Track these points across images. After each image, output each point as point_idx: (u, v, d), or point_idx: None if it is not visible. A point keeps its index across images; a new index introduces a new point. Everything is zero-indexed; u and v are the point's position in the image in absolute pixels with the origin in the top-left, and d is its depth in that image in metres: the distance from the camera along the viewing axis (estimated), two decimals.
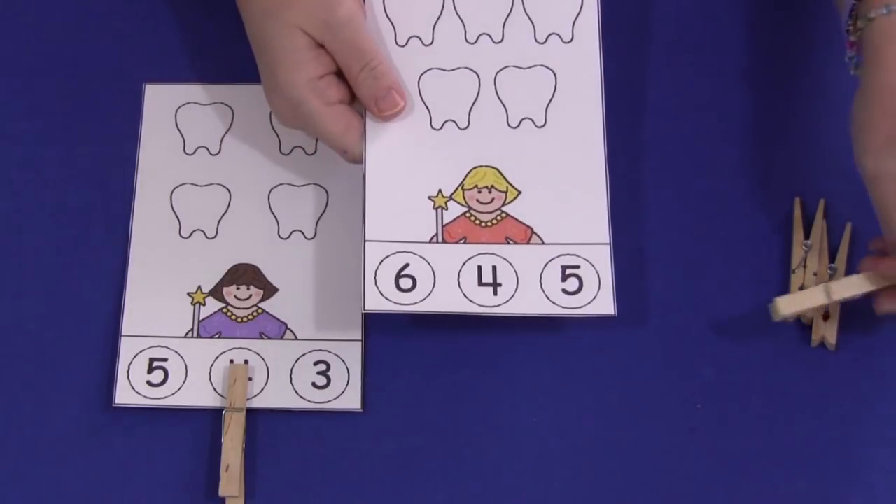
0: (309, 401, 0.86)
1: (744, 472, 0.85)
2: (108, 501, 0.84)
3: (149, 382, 0.86)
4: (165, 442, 0.85)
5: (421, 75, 0.90)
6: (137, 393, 0.86)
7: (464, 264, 0.85)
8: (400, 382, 0.87)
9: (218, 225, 0.91)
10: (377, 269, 0.84)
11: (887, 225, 0.82)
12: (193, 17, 0.98)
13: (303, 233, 0.91)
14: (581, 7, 0.91)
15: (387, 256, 0.85)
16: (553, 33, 0.90)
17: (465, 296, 0.84)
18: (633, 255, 0.90)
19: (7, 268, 0.90)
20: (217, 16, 0.98)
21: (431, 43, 0.90)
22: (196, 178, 0.93)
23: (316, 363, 0.87)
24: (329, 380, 0.87)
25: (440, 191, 0.87)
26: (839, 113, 0.86)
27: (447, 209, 0.87)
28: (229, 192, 0.92)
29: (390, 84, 0.87)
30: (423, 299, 0.84)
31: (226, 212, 0.91)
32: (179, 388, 0.86)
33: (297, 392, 0.86)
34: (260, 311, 0.89)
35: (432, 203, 0.87)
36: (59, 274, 0.90)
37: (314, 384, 0.87)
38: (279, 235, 0.91)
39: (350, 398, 0.86)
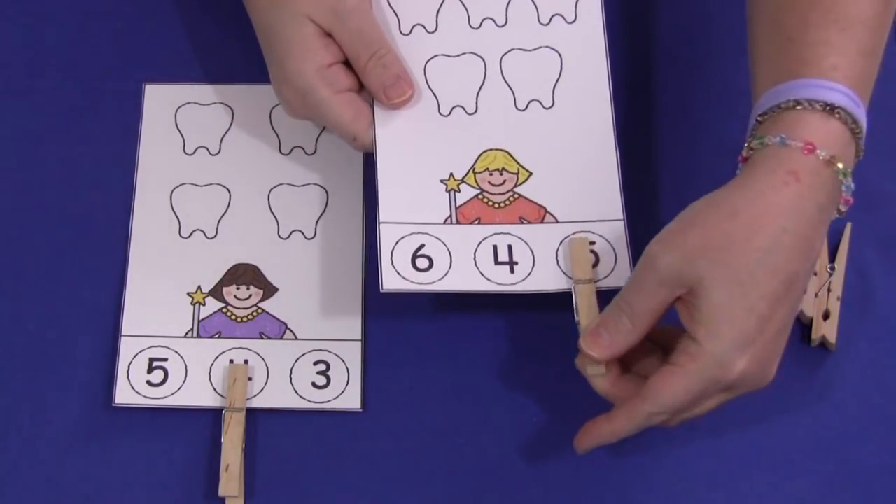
0: (309, 401, 0.86)
1: (744, 472, 0.85)
2: (108, 501, 0.84)
3: (149, 382, 0.86)
4: (165, 442, 0.85)
5: (427, 62, 0.90)
6: (137, 393, 0.86)
7: (479, 244, 0.85)
8: (400, 382, 0.87)
9: (218, 225, 0.91)
10: (393, 249, 0.84)
11: (630, 317, 0.78)
12: (193, 17, 0.98)
13: (303, 233, 0.91)
14: None
15: (402, 238, 0.84)
16: (556, 14, 0.91)
17: (482, 274, 0.84)
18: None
19: (7, 268, 0.90)
20: (217, 16, 0.98)
21: (435, 30, 0.91)
22: (196, 178, 0.93)
23: (316, 363, 0.87)
24: (329, 380, 0.87)
25: (451, 174, 0.87)
26: None
27: (459, 192, 0.87)
28: (229, 192, 0.92)
29: (398, 72, 0.87)
30: (441, 278, 0.83)
31: (226, 212, 0.91)
32: (179, 388, 0.86)
33: (296, 392, 0.86)
34: (260, 310, 0.89)
35: (444, 186, 0.87)
36: (59, 274, 0.90)
37: (314, 384, 0.87)
38: (279, 235, 0.91)
39: (350, 398, 0.86)
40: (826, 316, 0.88)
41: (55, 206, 0.92)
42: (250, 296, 0.89)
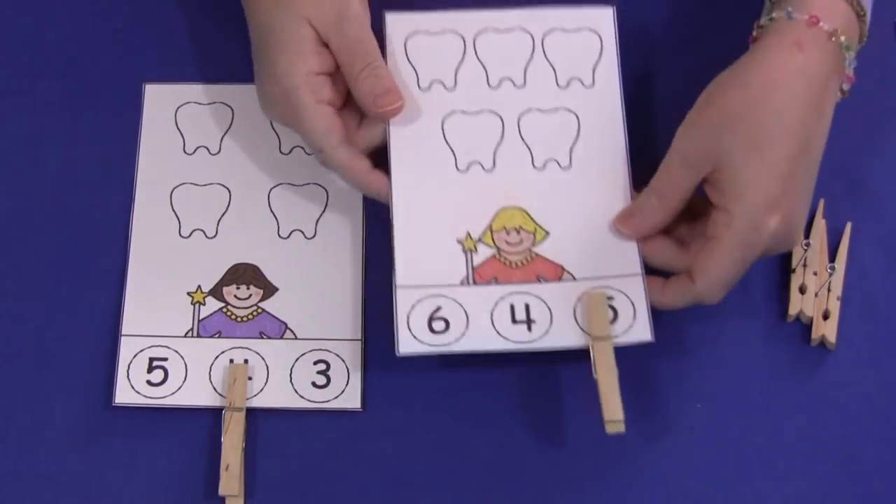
0: (309, 400, 0.86)
1: (744, 471, 0.85)
2: (108, 501, 0.84)
3: (149, 382, 0.86)
4: (165, 441, 0.85)
5: (444, 118, 0.90)
6: (137, 392, 0.86)
7: (496, 304, 0.85)
8: (400, 382, 0.87)
9: (218, 224, 0.91)
10: (409, 313, 0.84)
11: (658, 197, 0.85)
12: (193, 17, 0.98)
13: (303, 232, 0.91)
14: (601, 52, 0.92)
15: (418, 301, 0.85)
16: (574, 78, 0.91)
17: (499, 333, 0.84)
18: None
19: (7, 267, 0.90)
20: (217, 16, 0.98)
21: (454, 87, 0.91)
22: (196, 177, 0.93)
23: (316, 362, 0.87)
24: (329, 379, 0.87)
25: (468, 233, 0.87)
26: (839, 114, 0.86)
27: (476, 252, 0.87)
28: (229, 192, 0.92)
29: (389, 85, 0.87)
30: (458, 339, 0.84)
31: (226, 211, 0.91)
32: (179, 388, 0.86)
33: (296, 391, 0.86)
34: (260, 310, 0.89)
35: (461, 246, 0.87)
36: (59, 274, 0.90)
37: (314, 383, 0.87)
38: (279, 235, 0.91)
39: (350, 397, 0.86)
40: (826, 316, 0.88)
41: (55, 206, 0.92)
42: (250, 295, 0.89)
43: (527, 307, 0.85)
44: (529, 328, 0.84)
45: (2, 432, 0.86)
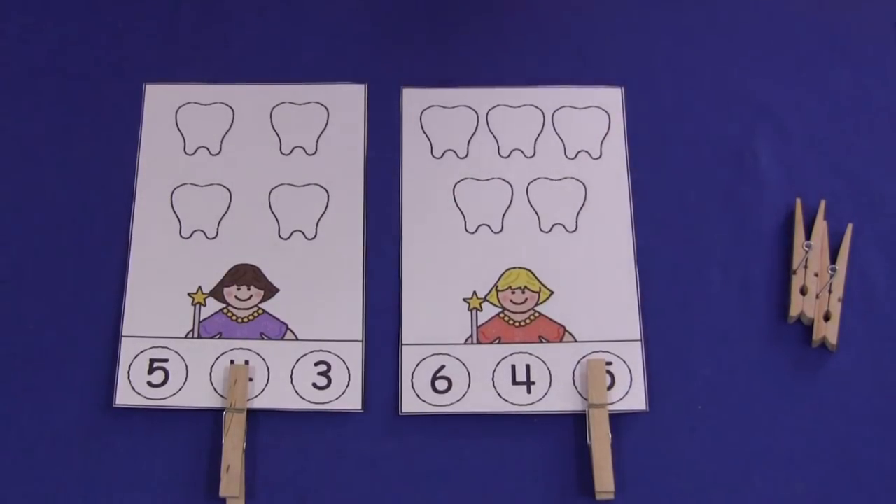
0: (309, 401, 0.86)
1: (744, 472, 0.85)
2: (108, 501, 0.84)
3: (149, 383, 0.86)
4: (166, 442, 0.85)
5: (456, 184, 0.93)
6: (138, 394, 0.86)
7: (498, 364, 0.87)
8: (401, 383, 0.87)
9: (218, 225, 0.91)
10: (413, 371, 0.86)
11: None
12: (193, 17, 0.98)
13: (303, 233, 0.91)
14: (609, 127, 0.94)
15: (423, 359, 0.87)
16: (582, 150, 0.94)
17: (499, 395, 0.86)
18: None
19: (7, 268, 0.90)
20: (217, 16, 0.98)
21: (466, 156, 0.94)
22: (196, 178, 0.93)
23: (316, 364, 0.87)
24: (330, 380, 0.87)
25: (475, 293, 0.89)
26: (838, 115, 0.86)
27: (482, 310, 0.88)
28: (229, 192, 0.92)
29: None
30: (459, 400, 0.86)
31: (226, 212, 0.91)
32: (180, 389, 0.86)
33: (297, 392, 0.86)
34: (260, 311, 0.88)
35: (467, 305, 0.88)
36: (60, 274, 0.90)
37: (315, 384, 0.86)
38: (279, 236, 0.91)
39: (350, 398, 0.86)
40: (827, 317, 0.88)
41: (55, 206, 0.92)
42: (251, 296, 0.89)
43: (527, 368, 0.87)
44: (529, 390, 0.86)
45: (2, 432, 0.85)
